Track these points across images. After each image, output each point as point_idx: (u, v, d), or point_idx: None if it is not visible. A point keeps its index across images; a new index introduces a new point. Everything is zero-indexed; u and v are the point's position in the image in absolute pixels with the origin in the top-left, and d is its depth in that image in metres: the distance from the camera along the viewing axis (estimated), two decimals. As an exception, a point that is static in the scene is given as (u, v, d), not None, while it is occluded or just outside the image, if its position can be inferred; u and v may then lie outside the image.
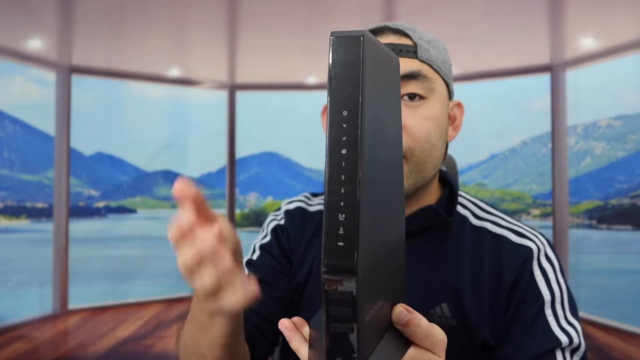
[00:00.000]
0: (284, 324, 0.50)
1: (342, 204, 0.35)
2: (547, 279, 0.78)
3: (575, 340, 0.74)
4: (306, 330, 0.49)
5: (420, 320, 0.45)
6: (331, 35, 0.36)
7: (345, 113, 0.36)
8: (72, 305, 4.97)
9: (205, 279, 0.46)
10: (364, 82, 0.36)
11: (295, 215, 0.92)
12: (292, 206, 0.94)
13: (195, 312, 0.63)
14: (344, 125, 0.35)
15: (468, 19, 4.05)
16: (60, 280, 4.90)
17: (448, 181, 0.87)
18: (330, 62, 0.36)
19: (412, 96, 0.76)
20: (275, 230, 0.92)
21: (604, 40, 4.40)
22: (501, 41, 4.62)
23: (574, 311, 0.78)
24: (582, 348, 0.75)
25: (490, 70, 5.29)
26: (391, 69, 0.43)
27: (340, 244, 0.35)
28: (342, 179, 0.35)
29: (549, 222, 5.22)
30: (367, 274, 0.37)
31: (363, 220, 0.36)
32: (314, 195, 0.96)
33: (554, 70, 4.98)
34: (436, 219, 0.80)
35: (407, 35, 0.79)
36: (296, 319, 0.50)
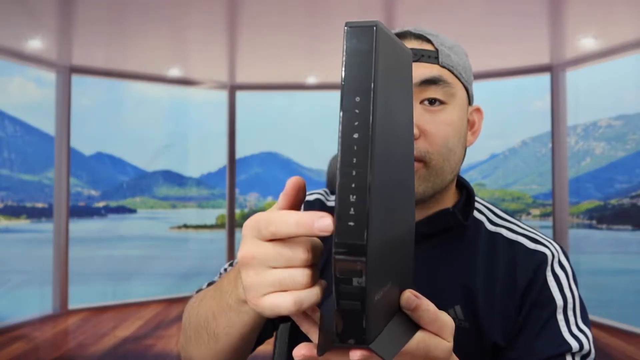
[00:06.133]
0: None
1: (353, 185, 0.37)
2: (559, 285, 0.78)
3: (586, 346, 0.75)
4: (317, 315, 0.49)
5: (428, 306, 0.45)
6: (345, 26, 0.38)
7: (357, 99, 0.37)
8: (72, 305, 4.97)
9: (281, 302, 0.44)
10: (377, 69, 0.37)
11: (315, 206, 0.93)
12: (311, 197, 0.95)
13: (225, 290, 0.60)
14: (357, 111, 0.37)
15: (468, 19, 4.05)
16: (60, 280, 4.90)
17: (465, 186, 0.88)
18: (344, 50, 0.38)
19: (432, 101, 0.77)
20: None
21: (604, 40, 4.40)
22: (501, 41, 4.62)
23: (585, 318, 0.79)
24: (592, 355, 0.76)
25: (490, 70, 5.29)
26: (403, 60, 0.45)
27: (351, 223, 0.37)
28: (354, 161, 0.37)
29: (549, 222, 5.23)
30: (377, 254, 0.39)
31: (373, 201, 0.37)
32: (332, 192, 0.97)
33: (554, 70, 4.98)
34: (453, 222, 0.81)
35: (428, 41, 0.80)
36: None
